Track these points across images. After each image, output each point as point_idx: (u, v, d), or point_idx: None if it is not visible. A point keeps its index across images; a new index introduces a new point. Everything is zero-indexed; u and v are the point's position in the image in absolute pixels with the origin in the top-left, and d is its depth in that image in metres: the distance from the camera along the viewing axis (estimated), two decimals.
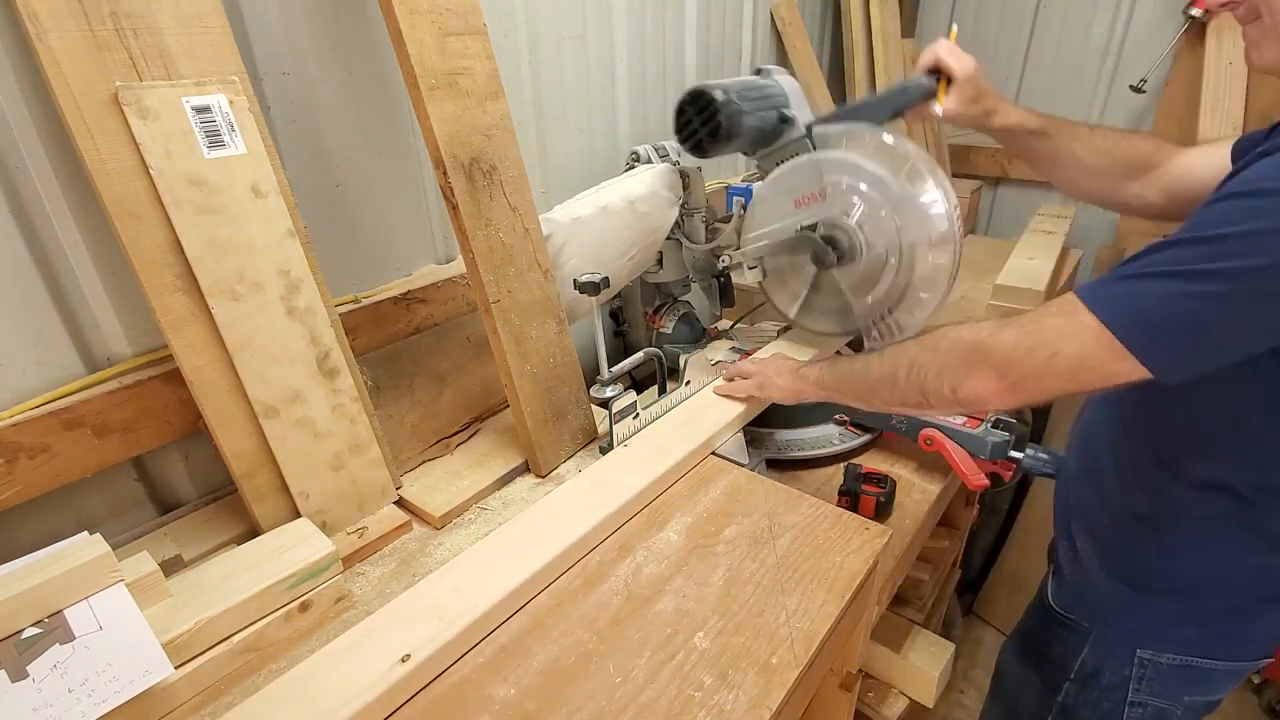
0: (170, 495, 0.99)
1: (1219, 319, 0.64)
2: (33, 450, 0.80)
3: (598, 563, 0.85)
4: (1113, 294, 0.68)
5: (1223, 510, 0.82)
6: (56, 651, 0.64)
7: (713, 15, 1.76)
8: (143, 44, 0.77)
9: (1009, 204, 2.46)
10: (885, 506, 1.02)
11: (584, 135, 1.47)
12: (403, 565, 0.93)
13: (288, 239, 0.88)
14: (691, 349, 1.42)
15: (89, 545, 0.69)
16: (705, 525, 0.91)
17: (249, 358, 0.85)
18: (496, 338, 1.03)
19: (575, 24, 1.38)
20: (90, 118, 0.73)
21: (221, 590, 0.76)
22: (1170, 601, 0.89)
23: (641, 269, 1.37)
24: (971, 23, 2.32)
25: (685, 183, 1.33)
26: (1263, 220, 0.59)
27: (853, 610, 0.84)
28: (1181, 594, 0.88)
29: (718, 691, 0.68)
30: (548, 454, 1.11)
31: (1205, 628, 0.88)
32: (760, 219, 1.24)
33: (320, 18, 1.00)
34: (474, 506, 1.05)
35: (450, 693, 0.69)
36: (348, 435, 0.95)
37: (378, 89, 1.09)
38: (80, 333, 0.87)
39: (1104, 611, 0.95)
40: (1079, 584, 0.99)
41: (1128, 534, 0.91)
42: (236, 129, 0.83)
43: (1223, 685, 0.93)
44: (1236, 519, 0.81)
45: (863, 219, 1.11)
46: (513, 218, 1.04)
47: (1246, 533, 0.81)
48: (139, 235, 0.77)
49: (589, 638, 0.75)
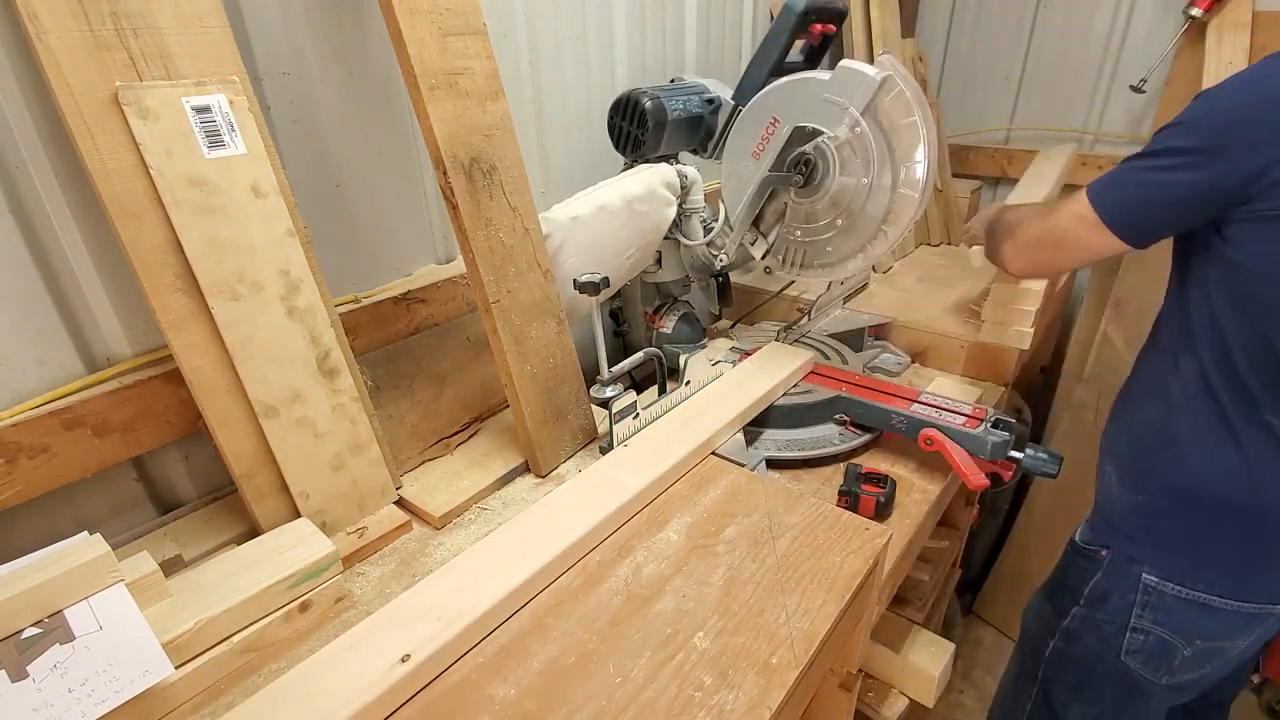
0: (170, 495, 0.99)
1: (1164, 188, 0.88)
2: (33, 450, 0.80)
3: (598, 563, 0.85)
4: (1102, 179, 0.94)
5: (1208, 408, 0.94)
6: (56, 651, 0.64)
7: (713, 15, 1.76)
8: (143, 44, 0.77)
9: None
10: (885, 507, 1.01)
11: (584, 135, 1.47)
12: (403, 565, 0.93)
13: (288, 239, 0.88)
14: (691, 349, 1.42)
15: (89, 545, 0.69)
16: (705, 525, 0.91)
17: (249, 358, 0.85)
18: (496, 338, 1.03)
19: (575, 24, 1.38)
20: (90, 118, 0.73)
21: (221, 590, 0.76)
22: (1174, 516, 0.97)
23: (640, 269, 1.37)
24: (972, 23, 2.32)
25: (683, 183, 1.33)
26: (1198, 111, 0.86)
27: (853, 610, 0.84)
28: (1183, 500, 0.97)
29: (718, 691, 0.68)
30: (548, 454, 1.11)
31: (1206, 549, 0.95)
32: (733, 197, 1.23)
33: (320, 18, 1.00)
34: (474, 506, 1.05)
35: (450, 693, 0.69)
36: (348, 435, 0.95)
37: (378, 89, 1.09)
38: (80, 333, 0.87)
39: (1117, 531, 1.04)
40: (1102, 509, 1.09)
41: (1138, 438, 1.02)
42: (236, 129, 0.83)
43: (1234, 630, 0.97)
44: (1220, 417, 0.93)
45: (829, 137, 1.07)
46: (513, 218, 1.04)
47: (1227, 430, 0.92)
48: (139, 235, 0.77)
49: (589, 638, 0.75)
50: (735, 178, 1.21)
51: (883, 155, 1.05)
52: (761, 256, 1.26)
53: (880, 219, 1.09)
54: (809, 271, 1.21)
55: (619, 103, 1.27)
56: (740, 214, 1.21)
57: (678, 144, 1.32)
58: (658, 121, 1.23)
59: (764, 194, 1.18)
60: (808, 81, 1.08)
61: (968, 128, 2.35)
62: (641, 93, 1.24)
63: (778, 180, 1.14)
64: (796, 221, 1.17)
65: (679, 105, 1.26)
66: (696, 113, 1.29)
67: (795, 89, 1.10)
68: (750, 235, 1.25)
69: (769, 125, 1.13)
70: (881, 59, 1.02)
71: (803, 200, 1.14)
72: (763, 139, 1.15)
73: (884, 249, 1.11)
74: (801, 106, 1.09)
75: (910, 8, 2.39)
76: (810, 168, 1.10)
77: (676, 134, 1.28)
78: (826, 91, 1.05)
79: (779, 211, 1.20)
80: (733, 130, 1.20)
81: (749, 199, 1.19)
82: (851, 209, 1.10)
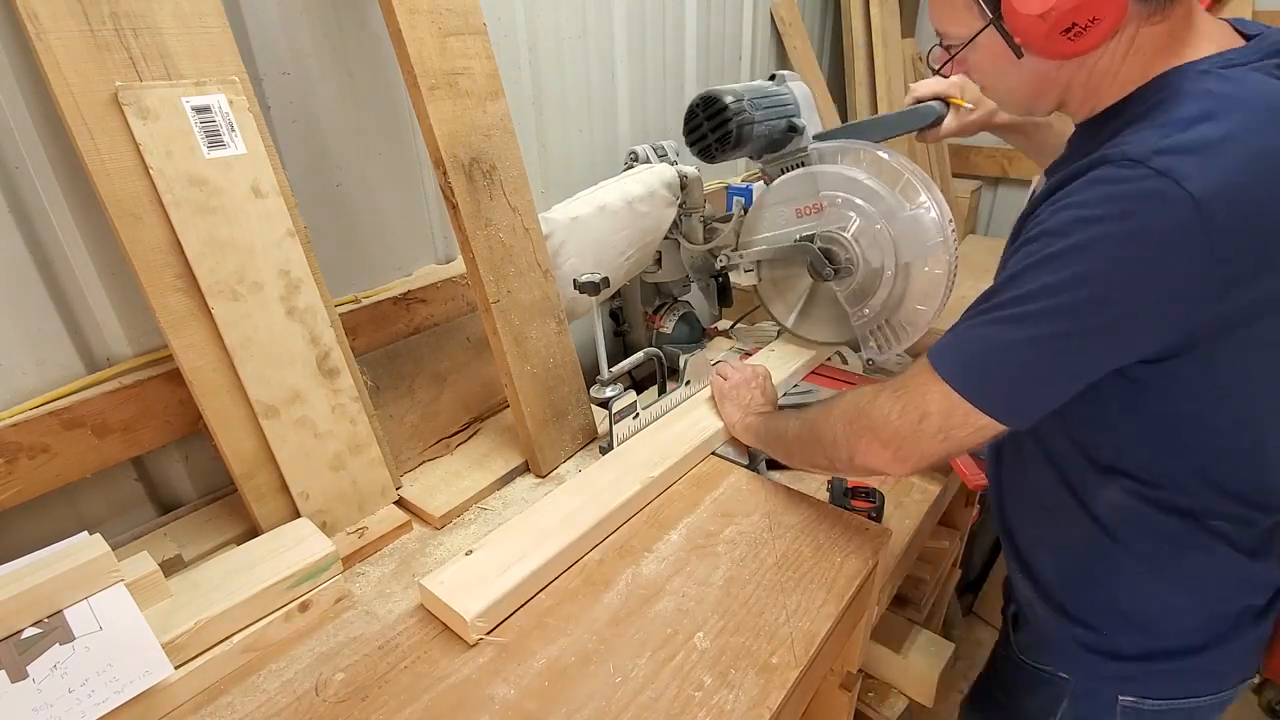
0: (170, 495, 0.99)
1: (1046, 359, 0.66)
2: (33, 450, 0.80)
3: (598, 562, 0.85)
4: (954, 351, 0.70)
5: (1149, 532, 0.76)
6: (56, 652, 0.64)
7: (713, 15, 1.76)
8: (143, 44, 0.77)
9: (1009, 204, 2.46)
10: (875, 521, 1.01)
11: (584, 135, 1.47)
12: (403, 565, 0.93)
13: (288, 239, 0.88)
14: (691, 349, 1.42)
15: (89, 545, 0.69)
16: (705, 525, 0.91)
17: (249, 358, 0.85)
18: (496, 338, 1.03)
19: (575, 24, 1.38)
20: (90, 118, 0.73)
21: (221, 590, 0.76)
22: (1127, 640, 0.82)
23: (639, 269, 1.37)
24: None
25: (683, 183, 1.33)
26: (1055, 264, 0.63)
27: (853, 610, 0.84)
28: (1135, 625, 0.82)
29: (718, 691, 0.68)
30: (548, 454, 1.11)
31: (1175, 663, 0.82)
32: (761, 224, 1.25)
33: (320, 18, 1.00)
34: (474, 506, 1.05)
35: (450, 692, 0.69)
36: (348, 435, 0.95)
37: (378, 89, 1.09)
38: (80, 333, 0.87)
39: (1068, 657, 0.87)
40: (1035, 628, 0.91)
41: (1062, 564, 0.85)
42: (236, 129, 0.83)
43: (1213, 715, 0.87)
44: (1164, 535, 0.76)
45: (858, 233, 1.14)
46: (512, 217, 1.04)
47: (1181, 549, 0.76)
48: (139, 235, 0.77)
49: (589, 638, 0.75)
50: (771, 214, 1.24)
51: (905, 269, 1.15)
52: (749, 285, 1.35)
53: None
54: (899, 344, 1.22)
55: (708, 103, 1.17)
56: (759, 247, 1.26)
57: (742, 156, 1.26)
58: (739, 142, 1.17)
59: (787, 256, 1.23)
60: (878, 197, 1.13)
61: None
62: (731, 102, 1.14)
63: (809, 260, 1.18)
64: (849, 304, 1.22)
65: (764, 128, 1.19)
66: (776, 138, 1.23)
67: (865, 194, 1.14)
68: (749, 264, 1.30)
69: (828, 201, 1.17)
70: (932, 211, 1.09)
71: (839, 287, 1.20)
72: (813, 207, 1.18)
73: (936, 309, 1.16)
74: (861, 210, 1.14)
75: (910, 8, 2.39)
76: (837, 265, 1.17)
77: (747, 151, 1.23)
78: (892, 226, 1.12)
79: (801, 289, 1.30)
80: (795, 173, 1.21)
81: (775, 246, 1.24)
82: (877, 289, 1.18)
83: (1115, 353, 0.66)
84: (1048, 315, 0.63)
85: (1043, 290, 0.63)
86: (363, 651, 0.76)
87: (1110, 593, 0.82)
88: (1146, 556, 0.78)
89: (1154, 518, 0.75)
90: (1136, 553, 0.78)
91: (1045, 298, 0.63)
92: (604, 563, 0.85)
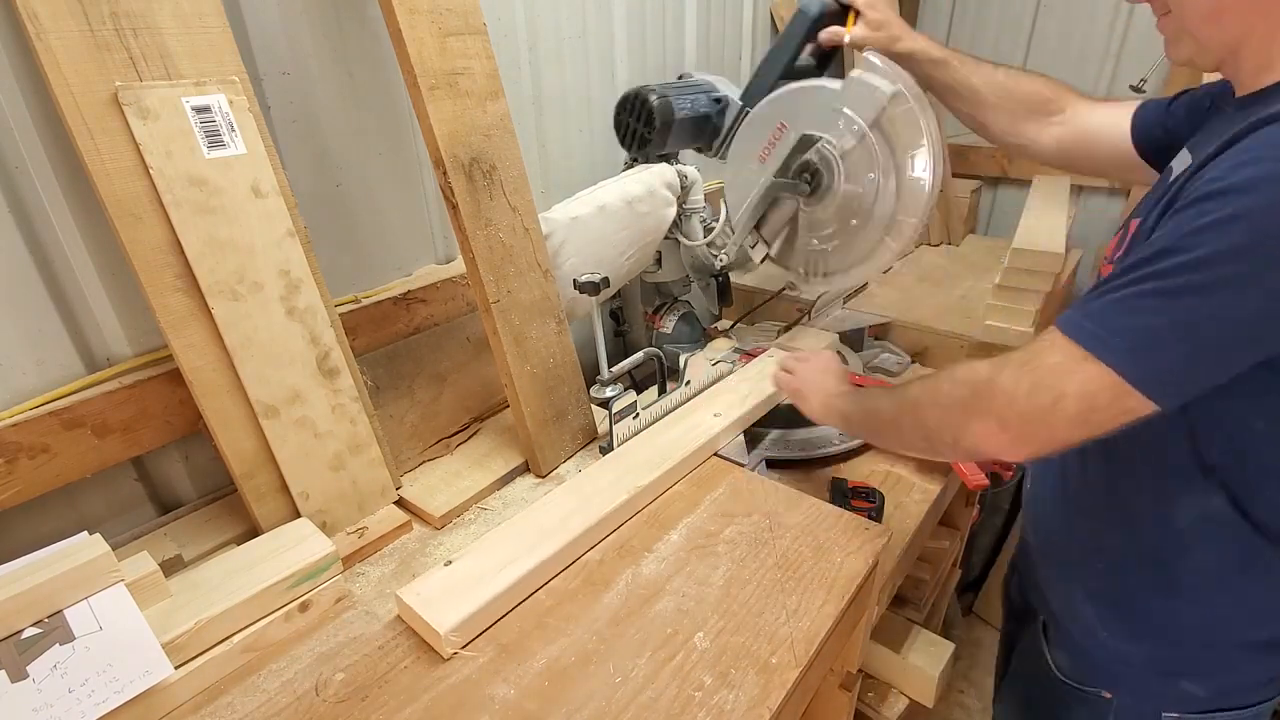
0: (170, 495, 0.99)
1: (1229, 333, 0.58)
2: (33, 450, 0.80)
3: (598, 562, 0.85)
4: (1113, 325, 0.62)
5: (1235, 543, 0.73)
6: (56, 652, 0.64)
7: (713, 15, 1.76)
8: (143, 44, 0.77)
9: (1009, 204, 2.45)
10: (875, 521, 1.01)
11: (584, 135, 1.47)
12: (403, 565, 0.93)
13: (288, 239, 0.88)
14: (691, 349, 1.42)
15: (89, 545, 0.69)
16: (705, 525, 0.91)
17: (249, 358, 0.85)
18: (496, 338, 1.03)
19: (575, 23, 1.38)
20: (90, 118, 0.73)
21: (221, 590, 0.76)
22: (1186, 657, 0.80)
23: (639, 269, 1.37)
24: (972, 23, 2.32)
25: (683, 183, 1.33)
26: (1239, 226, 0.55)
27: (852, 610, 0.84)
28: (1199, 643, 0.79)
29: (718, 691, 0.68)
30: (548, 454, 1.11)
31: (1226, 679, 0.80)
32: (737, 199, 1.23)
33: (320, 18, 1.00)
34: (474, 506, 1.05)
35: (450, 692, 0.69)
36: (348, 435, 0.95)
37: (378, 89, 1.09)
38: (80, 333, 0.87)
39: (1114, 676, 0.85)
40: (1082, 646, 0.88)
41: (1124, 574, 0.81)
42: (236, 129, 0.83)
43: None
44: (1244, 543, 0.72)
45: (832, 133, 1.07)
46: (512, 217, 1.04)
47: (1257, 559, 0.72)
48: (139, 235, 0.77)
49: (589, 638, 0.75)
50: (740, 180, 1.21)
51: (887, 162, 1.05)
52: (761, 260, 1.25)
53: (888, 221, 1.08)
54: (835, 278, 1.19)
55: (626, 99, 1.26)
56: (743, 217, 1.21)
57: (683, 143, 1.31)
58: (665, 120, 1.22)
59: (769, 199, 1.18)
60: (818, 90, 1.08)
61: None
62: (649, 90, 1.23)
63: (784, 187, 1.14)
64: (812, 230, 1.16)
65: (686, 104, 1.25)
66: (704, 112, 1.28)
67: (804, 96, 1.10)
68: (751, 238, 1.25)
69: (776, 130, 1.13)
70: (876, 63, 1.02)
71: (811, 207, 1.14)
72: (769, 143, 1.14)
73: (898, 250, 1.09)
74: (809, 114, 1.09)
75: (910, 8, 2.39)
76: (816, 176, 1.10)
77: (683, 133, 1.28)
78: (836, 102, 1.05)
79: (784, 218, 1.20)
80: (739, 132, 1.20)
81: (753, 203, 1.18)
82: (860, 213, 1.10)
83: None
84: (1233, 283, 0.55)
85: (1231, 253, 0.55)
86: (363, 651, 0.76)
87: (1171, 604, 0.78)
88: (1216, 572, 0.74)
89: (1238, 532, 0.71)
90: (1207, 567, 0.74)
91: (1230, 263, 0.55)
92: (604, 563, 0.85)
